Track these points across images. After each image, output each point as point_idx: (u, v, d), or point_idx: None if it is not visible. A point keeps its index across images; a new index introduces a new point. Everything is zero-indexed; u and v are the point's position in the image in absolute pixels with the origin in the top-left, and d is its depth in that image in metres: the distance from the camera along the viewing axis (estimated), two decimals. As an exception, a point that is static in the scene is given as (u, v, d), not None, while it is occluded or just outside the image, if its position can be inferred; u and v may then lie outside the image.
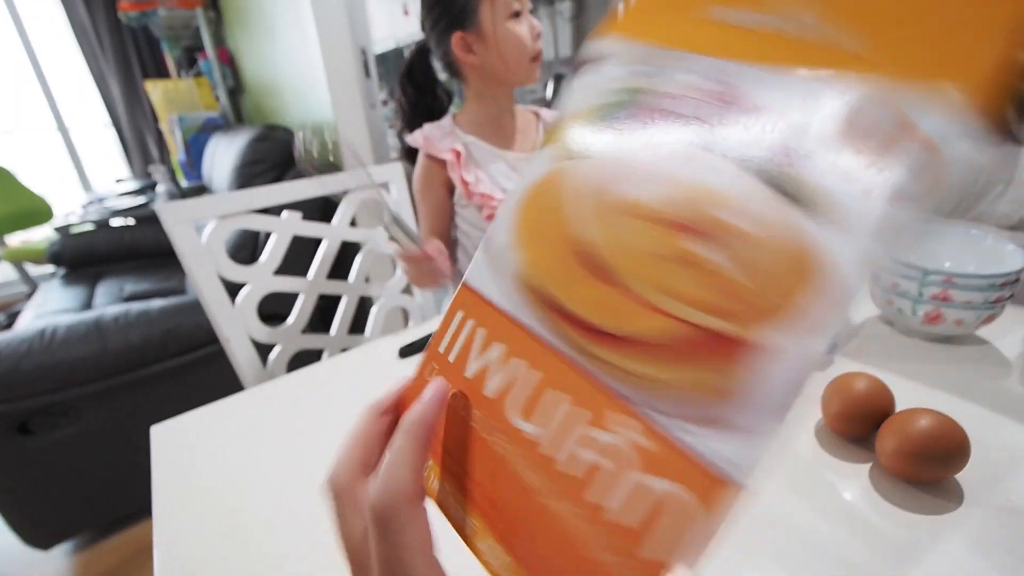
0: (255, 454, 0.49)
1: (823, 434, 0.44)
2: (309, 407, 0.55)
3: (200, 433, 0.52)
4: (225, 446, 0.50)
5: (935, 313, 0.52)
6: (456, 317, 0.23)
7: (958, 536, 0.34)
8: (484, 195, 0.84)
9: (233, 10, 2.20)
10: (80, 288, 1.75)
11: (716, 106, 0.16)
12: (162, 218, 0.73)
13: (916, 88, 0.12)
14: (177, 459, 0.49)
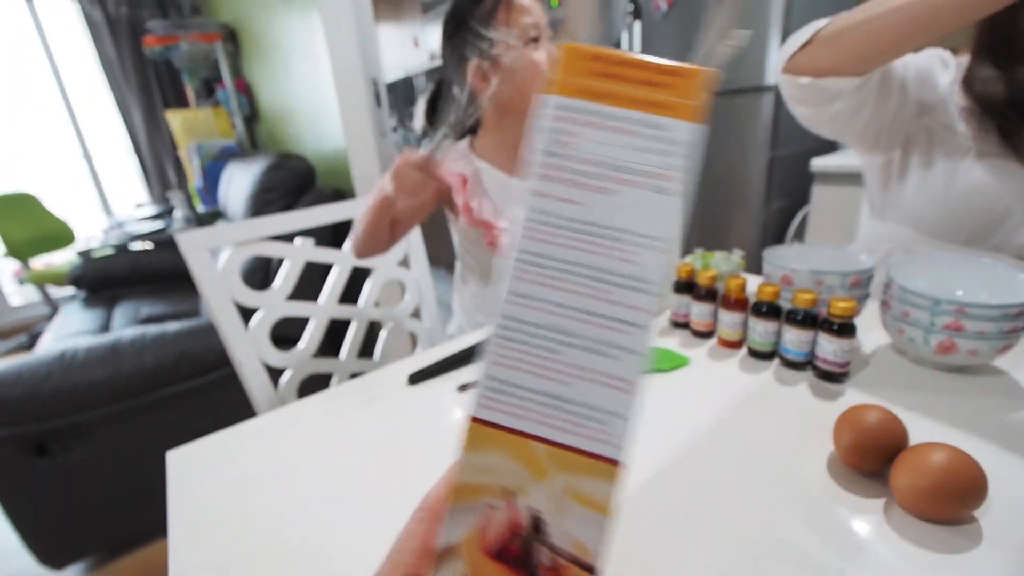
0: (268, 480, 0.49)
1: (835, 467, 0.43)
2: (319, 435, 0.55)
3: (215, 459, 0.53)
4: (239, 472, 0.50)
5: (948, 343, 0.51)
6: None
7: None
8: (484, 223, 0.85)
9: (250, 42, 2.28)
10: (99, 310, 1.79)
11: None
12: (180, 245, 0.75)
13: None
14: (192, 484, 0.49)
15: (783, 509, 0.40)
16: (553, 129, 0.19)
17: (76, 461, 1.13)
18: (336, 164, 1.75)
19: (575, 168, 0.19)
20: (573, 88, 0.19)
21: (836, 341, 0.52)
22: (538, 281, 0.19)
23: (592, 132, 0.19)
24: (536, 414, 0.19)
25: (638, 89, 0.19)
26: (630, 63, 0.19)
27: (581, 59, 0.19)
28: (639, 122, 0.19)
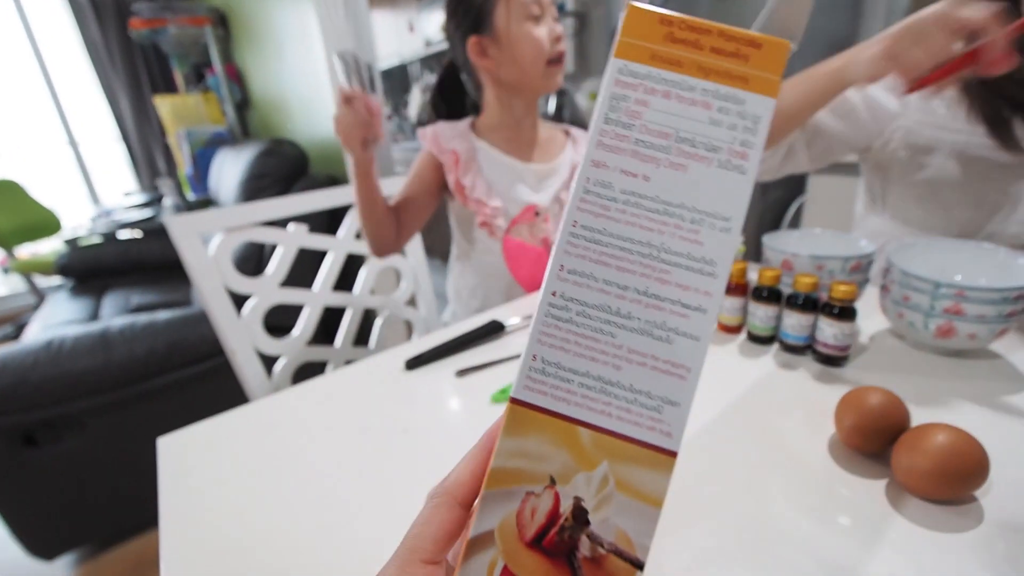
0: (262, 467, 0.48)
1: (837, 448, 0.43)
2: (315, 420, 0.54)
3: (206, 445, 0.52)
4: (232, 458, 0.50)
5: (947, 327, 0.51)
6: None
7: (978, 557, 0.33)
8: (478, 201, 0.84)
9: (241, 27, 2.24)
10: (87, 300, 1.76)
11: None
12: (170, 230, 0.73)
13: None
14: (184, 471, 0.48)
15: (785, 491, 0.40)
16: (617, 95, 0.18)
17: (66, 451, 1.11)
18: (330, 151, 1.73)
19: (640, 139, 0.18)
20: (641, 52, 0.18)
21: (837, 325, 0.52)
22: (592, 257, 0.18)
23: (660, 101, 0.18)
24: (584, 398, 0.18)
25: (712, 58, 0.17)
26: (705, 29, 0.18)
27: (649, 22, 0.18)
28: (714, 94, 0.17)
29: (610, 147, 0.18)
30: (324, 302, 0.92)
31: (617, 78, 0.18)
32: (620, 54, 0.18)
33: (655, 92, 0.18)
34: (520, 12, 0.76)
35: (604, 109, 0.18)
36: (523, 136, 0.88)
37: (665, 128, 0.18)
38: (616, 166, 0.18)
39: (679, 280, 0.18)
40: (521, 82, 0.82)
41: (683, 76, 0.18)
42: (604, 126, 0.18)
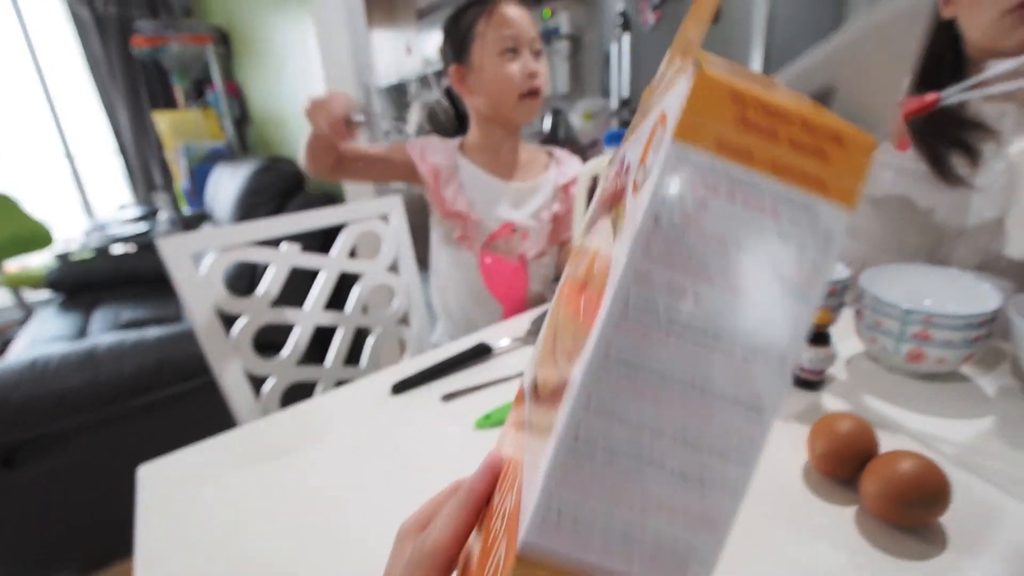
0: (243, 498, 0.48)
1: (810, 475, 0.44)
2: (299, 448, 0.55)
3: (189, 474, 0.51)
4: (213, 489, 0.49)
5: (917, 352, 0.53)
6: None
7: (940, 581, 0.34)
8: (457, 214, 0.88)
9: (243, 45, 2.28)
10: (76, 315, 1.75)
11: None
12: (161, 251, 0.74)
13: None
14: (164, 502, 0.48)
15: (760, 516, 0.41)
16: (676, 193, 0.14)
17: (46, 473, 1.09)
18: (325, 169, 1.75)
19: (696, 249, 0.14)
20: (707, 136, 0.14)
21: (812, 350, 0.54)
22: (628, 390, 0.15)
23: (723, 204, 0.14)
24: (602, 546, 0.16)
25: (789, 153, 0.14)
26: (784, 114, 0.14)
27: (720, 98, 0.14)
28: (786, 200, 0.14)
29: (660, 257, 0.14)
30: (315, 322, 0.93)
31: (677, 168, 0.14)
32: (682, 135, 0.14)
33: (718, 191, 0.14)
34: (494, 48, 0.81)
35: (656, 206, 0.14)
36: (503, 158, 0.92)
37: (726, 239, 0.14)
38: (664, 281, 0.15)
39: (722, 422, 0.15)
40: (494, 112, 0.86)
41: (753, 172, 0.14)
42: (654, 227, 0.14)
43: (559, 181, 0.93)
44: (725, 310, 0.15)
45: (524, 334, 0.73)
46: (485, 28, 0.81)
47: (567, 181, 0.94)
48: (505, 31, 0.80)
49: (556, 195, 0.93)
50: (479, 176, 0.89)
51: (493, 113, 0.86)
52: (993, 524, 0.38)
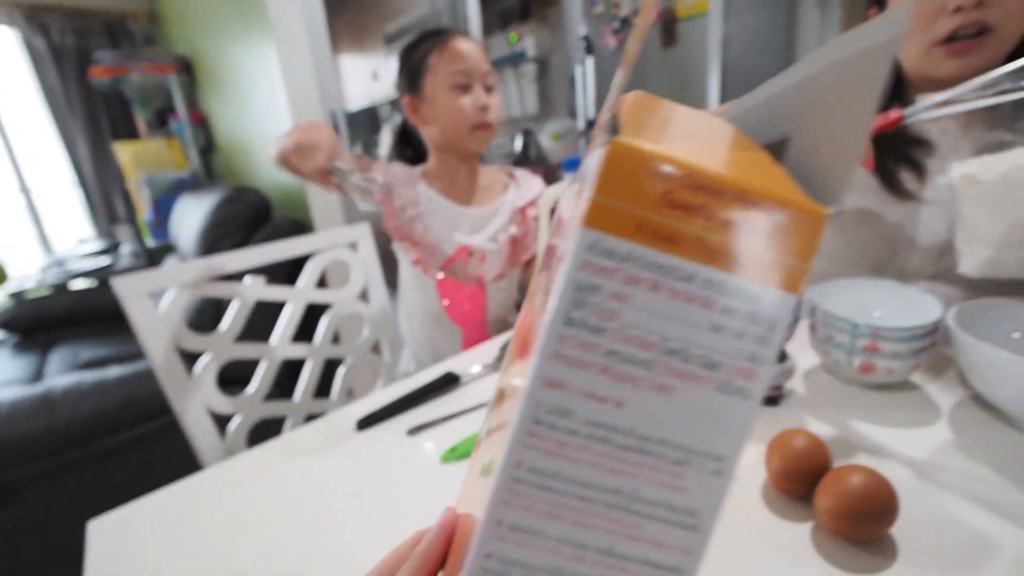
0: (203, 548, 0.46)
1: (768, 492, 0.45)
2: (261, 491, 0.53)
3: (144, 526, 0.49)
4: (171, 541, 0.47)
5: (867, 363, 0.55)
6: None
7: (892, 593, 0.35)
8: (416, 240, 0.90)
9: (206, 73, 2.26)
10: (31, 356, 1.67)
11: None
12: (116, 291, 0.73)
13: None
14: (117, 560, 0.45)
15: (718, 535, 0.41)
16: (585, 285, 0.13)
17: (1, 526, 1.02)
18: (294, 195, 1.74)
19: (614, 350, 0.13)
20: (623, 221, 0.12)
21: (768, 367, 0.55)
22: (541, 509, 0.14)
23: (646, 296, 0.13)
24: None
25: (721, 232, 0.12)
26: (717, 189, 0.12)
27: (639, 173, 0.12)
28: (719, 287, 0.13)
29: (572, 360, 0.13)
30: (282, 355, 0.91)
31: (587, 259, 0.12)
32: (593, 221, 0.12)
33: (639, 282, 0.13)
34: (445, 81, 0.83)
35: (564, 304, 0.13)
36: (460, 184, 0.94)
37: (650, 335, 0.13)
38: (579, 387, 0.13)
39: (653, 536, 0.14)
40: (447, 143, 0.88)
41: (679, 260, 0.12)
42: (565, 330, 0.13)
43: (517, 203, 0.95)
44: (653, 414, 0.13)
45: (493, 361, 0.73)
46: (438, 61, 0.83)
47: (525, 203, 0.96)
48: (457, 65, 0.82)
49: (513, 217, 0.95)
50: (437, 201, 0.91)
51: (446, 143, 0.88)
52: (944, 532, 0.40)
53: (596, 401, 0.13)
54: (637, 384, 0.13)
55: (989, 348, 0.46)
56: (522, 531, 0.14)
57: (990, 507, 0.41)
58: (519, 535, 0.14)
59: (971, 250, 0.55)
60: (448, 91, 0.83)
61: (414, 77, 0.85)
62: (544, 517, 0.14)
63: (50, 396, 1.10)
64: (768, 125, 0.20)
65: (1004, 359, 0.45)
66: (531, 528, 0.14)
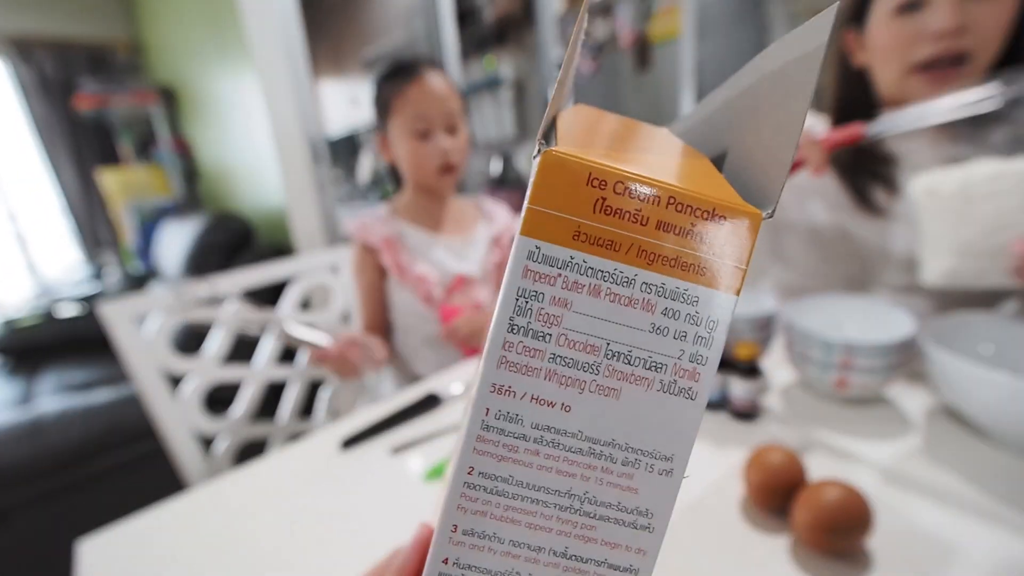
0: (193, 566, 0.46)
1: (747, 507, 0.46)
2: (246, 511, 0.53)
3: (133, 546, 0.49)
4: (160, 560, 0.47)
5: (842, 379, 0.56)
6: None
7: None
8: (419, 277, 0.88)
9: (188, 101, 2.27)
10: (19, 381, 1.67)
11: None
12: (103, 317, 0.72)
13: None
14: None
15: (699, 550, 0.42)
16: (526, 292, 0.13)
17: None
18: (277, 221, 1.74)
19: (558, 355, 0.13)
20: (560, 229, 0.13)
21: (744, 383, 0.56)
22: (495, 514, 0.14)
23: (587, 301, 0.13)
24: None
25: (658, 237, 0.13)
26: (651, 196, 0.13)
27: (572, 181, 0.13)
28: (659, 290, 0.13)
29: (517, 366, 0.13)
30: (266, 377, 0.91)
31: (527, 266, 0.13)
32: (531, 230, 0.13)
33: (580, 288, 0.13)
34: (406, 127, 0.83)
35: (508, 311, 0.13)
36: (435, 215, 0.94)
37: (592, 339, 0.13)
38: (526, 392, 0.13)
39: (606, 537, 0.14)
40: (412, 180, 0.90)
41: (619, 265, 0.13)
42: (509, 336, 0.13)
43: (491, 233, 0.97)
44: (600, 417, 0.14)
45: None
46: (401, 105, 0.82)
47: (499, 233, 0.97)
48: (418, 110, 0.81)
49: (491, 246, 0.96)
50: (419, 236, 0.91)
51: (415, 181, 0.90)
52: (918, 543, 0.40)
53: (544, 405, 0.14)
54: (583, 388, 0.13)
55: (961, 363, 0.47)
56: (477, 536, 0.14)
57: (963, 517, 0.42)
58: (474, 539, 0.14)
59: (932, 261, 0.57)
60: (409, 137, 0.83)
61: (381, 115, 0.87)
62: (498, 521, 0.14)
63: (39, 422, 1.10)
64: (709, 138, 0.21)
65: (975, 374, 0.46)
66: (486, 533, 0.14)
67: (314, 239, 1.67)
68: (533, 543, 0.14)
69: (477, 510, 0.14)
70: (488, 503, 0.14)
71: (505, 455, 0.14)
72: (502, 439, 0.14)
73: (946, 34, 0.59)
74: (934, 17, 0.59)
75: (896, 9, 0.62)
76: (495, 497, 0.14)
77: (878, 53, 0.66)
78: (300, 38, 1.58)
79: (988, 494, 0.44)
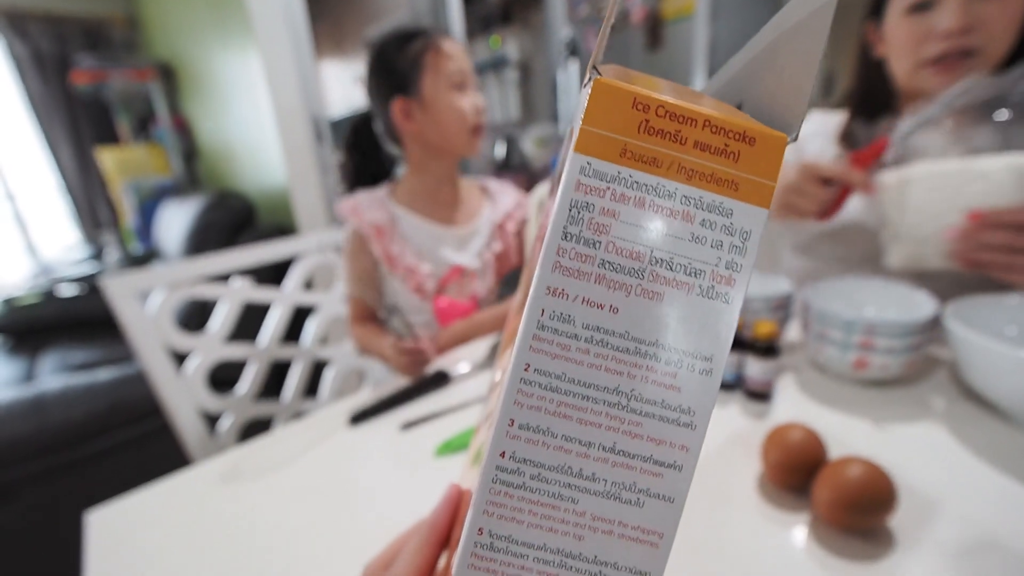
0: (201, 538, 0.46)
1: (764, 485, 0.45)
2: (256, 484, 0.53)
3: (141, 517, 0.49)
4: (169, 531, 0.47)
5: (862, 359, 0.55)
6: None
7: (892, 584, 0.35)
8: (409, 268, 0.85)
9: (188, 79, 2.23)
10: (23, 359, 1.67)
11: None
12: (107, 291, 0.71)
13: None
14: (116, 548, 0.45)
15: (716, 527, 0.41)
16: (579, 203, 0.14)
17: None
18: (278, 201, 1.72)
19: (607, 260, 0.14)
20: (610, 147, 0.14)
21: (762, 362, 0.55)
22: (549, 409, 0.15)
23: (633, 212, 0.14)
24: (542, 575, 0.15)
25: (696, 156, 0.14)
26: (689, 117, 0.14)
27: (620, 106, 0.14)
28: (697, 203, 0.14)
29: (570, 270, 0.14)
30: (271, 356, 0.90)
31: (580, 180, 0.14)
32: (583, 148, 0.14)
33: (626, 200, 0.14)
34: (447, 82, 0.79)
35: (562, 220, 0.14)
36: (442, 198, 0.90)
37: (638, 247, 0.14)
38: (578, 295, 0.14)
39: (652, 433, 0.15)
40: (444, 146, 0.84)
41: (661, 179, 0.14)
42: (563, 243, 0.14)
43: (495, 219, 0.92)
44: (644, 318, 0.15)
45: (483, 359, 0.73)
46: (435, 60, 0.79)
47: (503, 218, 0.93)
48: (453, 65, 0.79)
49: (494, 234, 0.92)
50: (420, 225, 0.87)
51: (442, 148, 0.84)
52: (938, 524, 0.40)
53: (593, 307, 0.15)
54: (629, 291, 0.15)
55: (986, 341, 0.46)
56: (532, 430, 0.15)
57: (987, 499, 0.42)
58: (529, 433, 0.15)
59: (895, 247, 0.63)
60: (449, 91, 0.80)
61: (407, 77, 0.81)
62: (552, 416, 0.15)
63: (42, 398, 1.09)
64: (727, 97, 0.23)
65: (1000, 353, 0.45)
66: (540, 427, 0.15)
67: (317, 219, 1.65)
68: (584, 438, 0.15)
69: (533, 405, 0.15)
70: (543, 399, 0.15)
71: (558, 353, 0.15)
72: (556, 338, 0.15)
73: (953, 33, 0.62)
74: (942, 17, 0.62)
75: (907, 8, 0.66)
76: (549, 393, 0.15)
77: (892, 48, 0.70)
78: (303, 14, 1.55)
79: (1014, 477, 0.44)
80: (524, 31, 2.33)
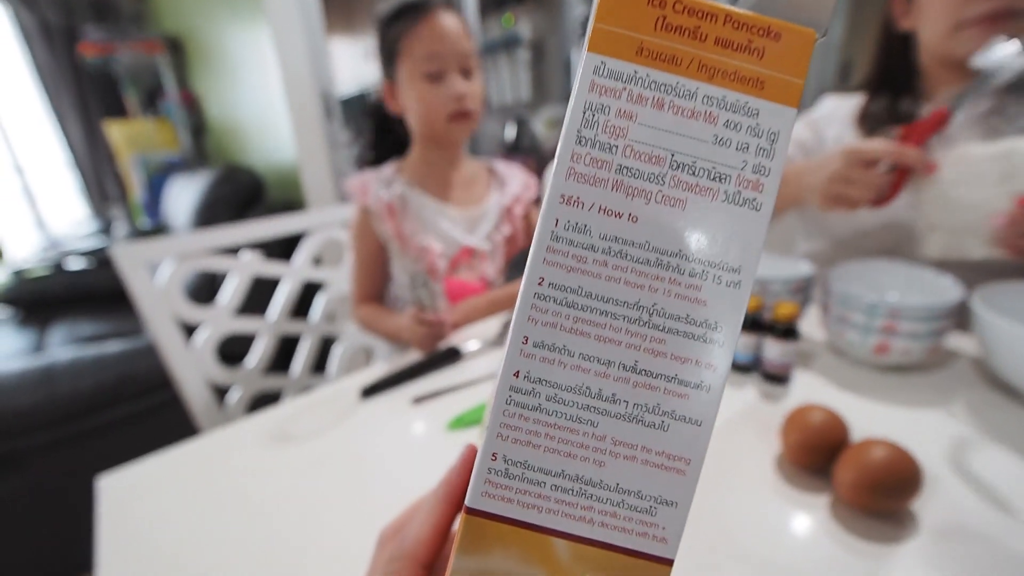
0: (210, 505, 0.46)
1: (783, 466, 0.44)
2: (267, 454, 0.53)
3: (151, 483, 0.49)
4: (179, 497, 0.47)
5: (883, 344, 0.54)
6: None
7: (914, 566, 0.34)
8: (422, 248, 0.83)
9: (197, 53, 2.21)
10: (33, 331, 1.68)
11: None
12: (117, 260, 0.71)
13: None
14: (126, 513, 0.46)
15: (734, 508, 0.41)
16: (593, 105, 0.13)
17: (6, 492, 1.04)
18: (287, 177, 1.71)
19: (625, 165, 0.13)
20: (625, 45, 0.13)
21: (781, 344, 0.54)
22: (565, 325, 0.14)
23: (651, 113, 0.13)
24: (559, 504, 0.14)
25: (718, 53, 0.13)
26: (709, 12, 0.13)
27: (635, 1, 0.13)
28: (720, 102, 0.13)
29: (585, 177, 0.13)
30: (279, 331, 0.90)
31: (593, 80, 0.13)
32: (596, 47, 0.13)
33: (644, 100, 0.13)
34: (416, 69, 0.75)
35: (576, 123, 0.13)
36: (444, 178, 0.87)
37: (657, 150, 0.13)
38: (594, 203, 0.13)
39: (676, 351, 0.14)
40: (423, 132, 0.81)
41: (680, 78, 0.13)
42: (577, 148, 0.13)
43: (503, 203, 0.90)
44: (666, 227, 0.14)
45: (494, 336, 0.72)
46: (409, 44, 0.75)
47: (511, 201, 0.91)
48: (430, 49, 0.74)
49: (503, 217, 0.90)
50: (427, 203, 0.85)
51: (423, 132, 0.82)
52: (960, 509, 0.39)
53: (611, 216, 0.14)
54: (649, 198, 0.14)
55: (1017, 328, 0.45)
56: (547, 348, 0.14)
57: (1013, 487, 0.41)
58: (544, 352, 0.14)
59: (933, 236, 0.62)
60: (419, 80, 0.76)
61: (388, 60, 0.79)
62: (568, 333, 0.14)
63: (52, 369, 1.10)
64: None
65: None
66: (556, 345, 0.14)
67: (326, 195, 1.64)
68: (603, 356, 0.14)
69: (547, 321, 0.14)
70: (558, 315, 0.14)
71: (574, 266, 0.14)
72: (571, 249, 0.14)
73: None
74: None
75: None
76: (565, 308, 0.14)
77: (929, 10, 0.67)
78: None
79: (1036, 462, 0.43)
80: (538, 9, 2.28)
